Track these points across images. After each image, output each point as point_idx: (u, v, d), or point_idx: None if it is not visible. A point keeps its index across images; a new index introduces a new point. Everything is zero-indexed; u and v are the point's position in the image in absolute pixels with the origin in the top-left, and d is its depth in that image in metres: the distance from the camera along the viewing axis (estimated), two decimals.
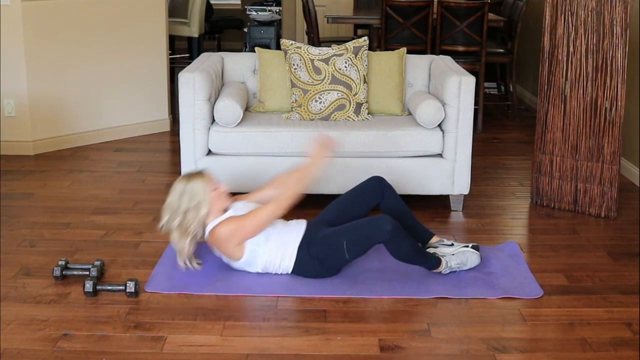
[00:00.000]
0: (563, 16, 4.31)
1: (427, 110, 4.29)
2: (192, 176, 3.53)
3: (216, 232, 3.43)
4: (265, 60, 4.66)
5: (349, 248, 3.39)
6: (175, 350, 2.94)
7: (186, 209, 3.44)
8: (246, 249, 3.44)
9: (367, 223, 3.41)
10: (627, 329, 3.15)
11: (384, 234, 3.33)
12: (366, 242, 3.40)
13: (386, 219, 3.35)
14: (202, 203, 3.45)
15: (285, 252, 3.47)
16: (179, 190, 3.47)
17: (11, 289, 3.41)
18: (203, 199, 3.45)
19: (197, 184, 3.48)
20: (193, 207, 3.44)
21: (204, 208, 3.45)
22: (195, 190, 3.46)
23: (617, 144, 4.29)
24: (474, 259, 3.62)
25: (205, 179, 3.50)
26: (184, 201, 3.44)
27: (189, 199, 3.45)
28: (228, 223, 3.42)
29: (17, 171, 5.09)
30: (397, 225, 3.35)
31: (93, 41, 5.65)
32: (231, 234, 3.41)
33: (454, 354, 2.95)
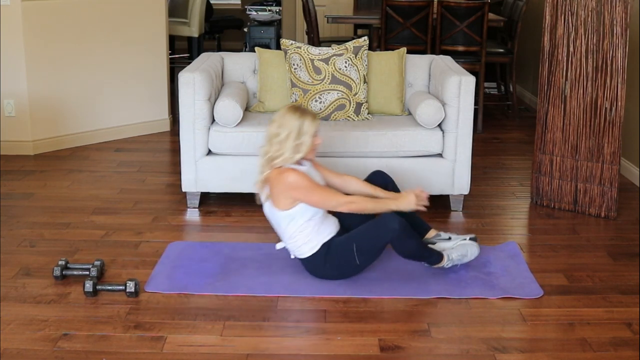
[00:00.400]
0: (563, 16, 4.31)
1: (427, 110, 4.29)
2: (305, 113, 3.43)
3: (287, 175, 3.36)
4: (265, 60, 4.66)
5: (358, 251, 3.39)
6: (175, 350, 2.94)
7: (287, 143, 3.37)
8: (293, 210, 3.40)
9: (374, 224, 3.41)
10: (627, 329, 3.15)
11: (391, 232, 3.33)
12: (375, 242, 3.39)
13: (393, 217, 3.35)
14: (304, 146, 3.40)
15: (312, 239, 3.44)
16: (291, 121, 3.38)
17: (11, 289, 3.41)
18: (306, 141, 3.41)
19: (308, 124, 3.40)
20: (295, 146, 3.39)
21: (302, 152, 3.41)
22: (305, 129, 3.40)
23: (617, 144, 4.29)
24: (474, 250, 3.62)
25: (315, 124, 3.44)
26: (291, 135, 3.37)
27: (296, 135, 3.38)
28: (302, 177, 3.36)
29: (17, 171, 5.09)
30: (403, 223, 3.34)
31: (93, 41, 5.65)
32: (297, 187, 3.35)
33: (454, 354, 2.95)
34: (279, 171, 3.39)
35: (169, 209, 4.42)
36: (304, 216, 3.42)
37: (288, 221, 3.44)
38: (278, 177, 3.39)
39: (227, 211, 4.41)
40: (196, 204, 4.44)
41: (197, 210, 4.42)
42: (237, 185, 4.38)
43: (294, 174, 3.36)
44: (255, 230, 4.14)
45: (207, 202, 4.54)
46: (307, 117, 3.42)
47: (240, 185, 4.37)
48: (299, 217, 3.42)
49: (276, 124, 3.43)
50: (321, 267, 3.46)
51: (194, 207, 4.44)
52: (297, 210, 3.41)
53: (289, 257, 3.63)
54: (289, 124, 3.39)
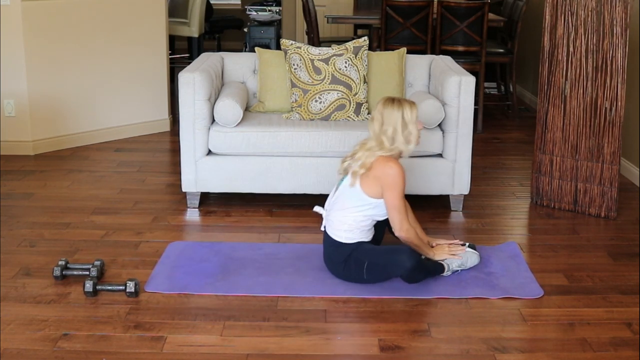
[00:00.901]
0: (563, 16, 4.31)
1: (427, 110, 4.29)
2: (401, 102, 3.43)
3: (393, 164, 3.37)
4: (265, 60, 4.66)
5: (368, 270, 3.41)
6: (175, 350, 2.94)
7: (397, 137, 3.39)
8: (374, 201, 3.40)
9: (390, 253, 3.41)
10: (627, 329, 3.15)
11: (403, 269, 3.35)
12: (385, 271, 3.42)
13: (408, 255, 3.34)
14: (413, 135, 3.41)
15: (354, 232, 3.44)
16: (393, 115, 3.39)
17: (11, 289, 3.41)
18: (413, 130, 3.41)
19: (409, 112, 3.40)
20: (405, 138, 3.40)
21: (413, 142, 3.42)
22: (408, 119, 3.40)
23: (617, 144, 4.29)
24: (474, 259, 3.63)
25: (415, 110, 3.43)
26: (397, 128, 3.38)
27: (402, 126, 3.39)
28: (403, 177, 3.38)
29: (17, 171, 5.09)
30: (417, 263, 3.36)
31: (93, 41, 5.65)
32: (395, 183, 3.35)
33: (454, 354, 2.95)
34: (386, 159, 3.40)
35: (169, 209, 4.42)
36: (373, 212, 3.44)
37: (361, 206, 3.43)
38: (382, 164, 3.38)
39: (227, 211, 4.41)
40: (196, 204, 4.44)
41: (197, 210, 4.42)
42: (237, 185, 4.38)
43: (399, 169, 3.37)
44: (255, 230, 4.14)
45: (207, 202, 4.54)
46: (405, 105, 3.43)
47: (240, 185, 4.37)
48: (371, 209, 3.43)
49: (378, 122, 3.44)
50: (337, 262, 3.47)
51: (194, 207, 4.44)
52: (377, 203, 3.41)
53: (289, 257, 3.64)
54: (392, 118, 3.40)
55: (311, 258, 3.72)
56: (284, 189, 4.39)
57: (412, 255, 3.35)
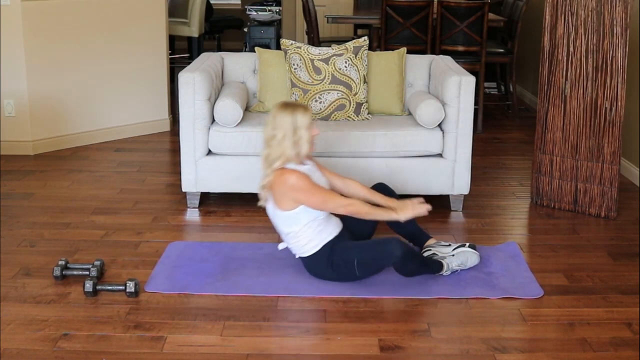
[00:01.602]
0: (563, 16, 4.31)
1: (427, 110, 4.29)
2: (295, 107, 3.40)
3: (288, 176, 3.35)
4: (265, 60, 4.66)
5: (359, 267, 3.40)
6: (175, 350, 2.94)
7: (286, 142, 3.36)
8: (296, 211, 3.39)
9: (378, 245, 3.40)
10: (627, 329, 3.15)
11: (393, 258, 3.33)
12: (375, 264, 3.41)
13: (396, 244, 3.33)
14: (302, 140, 3.38)
15: (314, 239, 3.44)
16: (283, 120, 3.36)
17: (11, 289, 3.41)
18: (304, 135, 3.38)
19: (301, 118, 3.37)
20: (293, 143, 3.37)
21: (304, 146, 3.39)
22: (299, 124, 3.37)
23: (617, 144, 4.29)
24: (474, 259, 3.63)
25: (308, 115, 3.40)
26: (287, 133, 3.35)
27: (292, 132, 3.36)
28: (303, 178, 3.36)
29: (17, 171, 5.09)
30: (406, 250, 3.34)
31: (93, 41, 5.65)
32: (298, 188, 3.34)
33: (454, 354, 2.95)
34: (280, 172, 3.39)
35: (169, 209, 4.43)
36: (306, 217, 3.42)
37: (291, 222, 3.44)
38: (280, 178, 3.38)
39: (227, 211, 4.41)
40: (196, 204, 4.44)
41: (197, 210, 4.42)
42: (237, 185, 4.38)
43: (294, 175, 3.36)
44: (255, 230, 4.14)
45: (207, 202, 4.54)
46: (299, 110, 3.39)
47: (240, 185, 4.37)
48: (302, 218, 3.42)
49: (270, 126, 3.42)
50: (323, 269, 3.46)
51: (194, 207, 4.44)
52: (300, 211, 3.41)
53: (289, 257, 3.63)
54: (283, 123, 3.37)
55: None
56: None
57: (400, 244, 3.33)
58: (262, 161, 3.46)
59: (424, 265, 3.51)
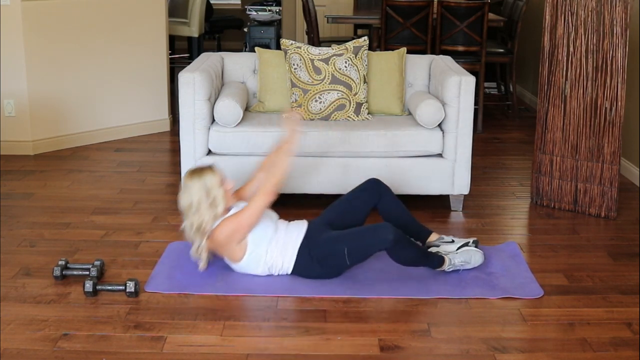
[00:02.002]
0: (563, 16, 4.31)
1: (427, 110, 4.29)
2: (202, 171, 3.45)
3: (216, 234, 3.40)
4: (265, 60, 4.66)
5: (350, 255, 3.39)
6: (175, 350, 2.94)
7: (202, 207, 3.39)
8: (248, 250, 3.43)
9: (369, 231, 3.40)
10: (627, 329, 3.15)
11: (385, 242, 3.33)
12: (367, 249, 3.40)
13: (387, 227, 3.34)
14: (218, 199, 3.41)
15: (286, 253, 3.46)
16: (194, 187, 3.40)
17: (11, 289, 3.41)
18: (217, 194, 3.41)
19: (210, 179, 3.42)
20: (209, 205, 3.40)
21: (220, 205, 3.42)
22: (209, 186, 3.40)
23: (617, 144, 4.29)
24: (478, 258, 3.62)
25: (217, 175, 3.44)
26: (201, 199, 3.39)
27: (205, 196, 3.40)
28: (225, 223, 3.40)
29: (17, 171, 5.09)
30: (398, 234, 3.34)
31: (93, 41, 5.65)
32: (231, 233, 3.38)
33: (454, 354, 2.95)
34: (210, 237, 3.42)
35: (169, 209, 4.42)
36: (261, 246, 3.44)
37: (254, 262, 3.46)
38: (212, 243, 3.43)
39: None
40: None
41: None
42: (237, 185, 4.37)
43: (217, 231, 3.39)
44: None
45: None
46: (206, 173, 3.43)
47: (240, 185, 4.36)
48: (259, 252, 3.44)
49: (184, 197, 3.44)
50: (310, 269, 3.47)
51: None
52: (253, 246, 3.43)
53: None
54: (194, 190, 3.40)
55: None
56: (284, 188, 4.36)
57: (392, 228, 3.33)
58: (188, 232, 3.47)
59: (421, 256, 3.49)
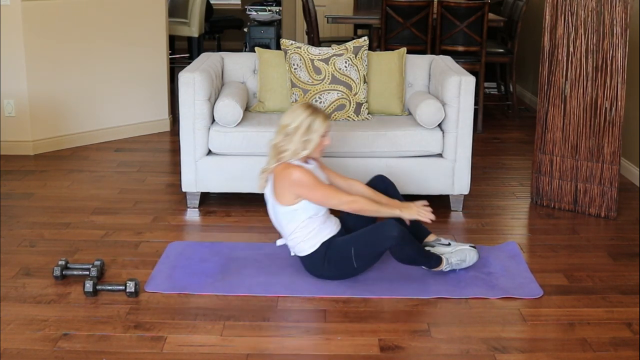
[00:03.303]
0: (563, 16, 4.31)
1: (427, 110, 4.29)
2: (317, 112, 3.44)
3: (292, 171, 3.37)
4: (265, 60, 4.66)
5: (356, 255, 3.39)
6: (175, 350, 2.94)
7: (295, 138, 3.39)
8: (296, 206, 3.41)
9: (374, 229, 3.40)
10: (627, 329, 3.15)
11: (390, 239, 3.33)
12: (373, 248, 3.39)
13: (392, 225, 3.34)
14: (312, 142, 3.42)
15: (312, 238, 3.44)
16: (301, 117, 3.40)
17: (11, 289, 3.41)
18: (314, 138, 3.42)
19: (319, 123, 3.41)
20: (302, 142, 3.40)
21: (309, 148, 3.42)
22: (314, 128, 3.41)
23: (617, 144, 4.29)
24: (473, 256, 3.63)
25: (325, 124, 3.44)
26: (300, 130, 3.39)
27: (305, 131, 3.40)
28: (306, 174, 3.38)
29: (17, 171, 5.09)
30: (403, 231, 3.34)
31: (93, 41, 5.65)
32: (301, 184, 3.36)
33: (454, 354, 2.95)
34: (284, 166, 3.41)
35: (169, 209, 4.43)
36: (305, 213, 3.43)
37: (290, 217, 3.44)
38: (283, 172, 3.40)
39: (227, 211, 4.41)
40: (196, 204, 4.44)
41: (197, 210, 4.42)
42: (237, 185, 4.38)
43: (298, 171, 3.37)
44: (255, 230, 4.14)
45: (207, 202, 4.54)
46: (319, 116, 3.44)
47: (240, 185, 4.37)
48: (301, 214, 3.42)
49: (287, 116, 3.46)
50: (320, 267, 3.46)
51: (194, 207, 4.44)
52: (300, 206, 3.41)
53: (289, 257, 3.63)
54: (299, 118, 3.41)
55: None
56: None
57: (397, 225, 3.34)
58: (270, 149, 3.48)
59: (422, 255, 3.49)
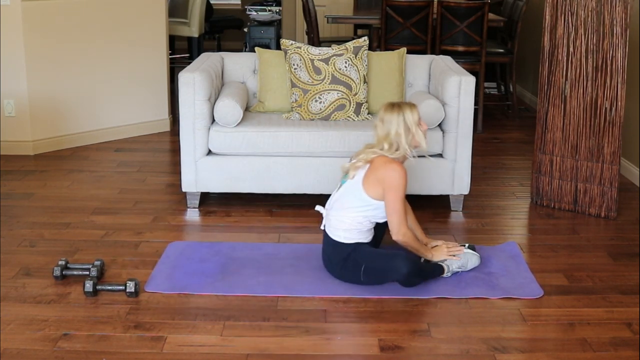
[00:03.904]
0: (563, 16, 4.31)
1: (427, 110, 4.29)
2: (401, 106, 3.46)
3: (395, 168, 3.38)
4: (265, 60, 4.66)
5: (364, 273, 3.40)
6: (175, 350, 2.94)
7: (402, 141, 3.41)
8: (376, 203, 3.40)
9: (387, 259, 3.41)
10: (627, 329, 3.15)
11: (399, 275, 3.36)
12: (381, 275, 3.42)
13: (404, 261, 3.34)
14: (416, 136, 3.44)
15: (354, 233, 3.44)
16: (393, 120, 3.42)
17: (11, 289, 3.41)
18: (416, 132, 3.44)
19: (409, 115, 3.43)
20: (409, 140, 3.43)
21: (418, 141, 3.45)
22: (409, 122, 3.42)
23: (617, 144, 4.29)
24: (475, 261, 3.63)
25: (415, 112, 3.46)
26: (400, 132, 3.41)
27: (404, 130, 3.41)
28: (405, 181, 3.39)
29: (17, 171, 5.09)
30: (413, 268, 3.35)
31: (93, 41, 5.65)
32: (396, 187, 3.37)
33: (454, 354, 2.95)
34: (387, 160, 3.41)
35: (169, 209, 4.43)
36: (373, 213, 3.44)
37: (361, 207, 3.43)
38: (385, 165, 3.40)
39: (227, 211, 4.41)
40: (196, 204, 4.44)
41: (197, 210, 4.42)
42: (237, 185, 4.38)
43: (402, 174, 3.38)
44: (255, 230, 4.14)
45: (207, 202, 4.54)
46: (405, 109, 3.45)
47: (240, 185, 4.37)
48: (371, 211, 3.44)
49: (381, 128, 3.46)
50: (335, 262, 3.47)
51: (194, 207, 4.44)
52: (377, 205, 3.42)
53: (289, 257, 3.64)
54: (394, 123, 3.42)
55: (311, 258, 3.72)
56: (284, 189, 4.39)
57: (409, 261, 3.35)
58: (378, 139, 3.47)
59: (426, 276, 3.51)
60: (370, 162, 3.44)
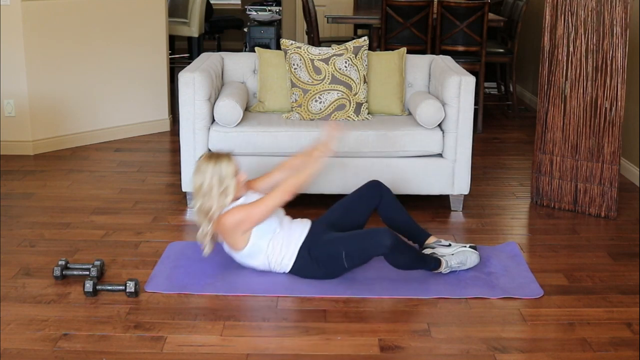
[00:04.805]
0: (563, 16, 4.31)
1: (427, 110, 4.29)
2: (219, 158, 3.44)
3: (224, 220, 3.39)
4: (265, 60, 4.66)
5: (347, 258, 3.39)
6: (175, 350, 2.94)
7: (213, 193, 3.39)
8: (250, 241, 3.43)
9: (366, 235, 3.40)
10: (627, 329, 3.15)
11: (382, 248, 3.33)
12: (364, 254, 3.41)
13: (385, 233, 3.34)
14: (230, 188, 3.41)
15: (287, 250, 3.46)
16: (208, 172, 3.40)
17: (11, 289, 3.41)
18: (230, 184, 3.41)
19: (226, 167, 3.41)
20: (220, 193, 3.40)
21: (230, 195, 3.42)
22: (224, 174, 3.40)
23: (617, 144, 4.29)
24: (474, 259, 3.63)
25: (232, 164, 3.44)
26: (213, 184, 3.39)
27: (218, 183, 3.39)
28: (236, 211, 3.39)
29: (17, 171, 5.09)
30: (395, 239, 3.34)
31: (93, 41, 5.65)
32: (238, 222, 3.38)
33: (454, 354, 2.95)
34: (217, 221, 3.42)
35: (169, 209, 4.43)
36: (264, 239, 3.44)
37: (255, 252, 3.46)
38: (220, 227, 3.42)
39: None
40: None
41: None
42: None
43: (228, 216, 3.39)
44: None
45: None
46: (222, 161, 3.42)
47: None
48: (261, 244, 3.44)
49: (196, 178, 3.44)
50: (310, 269, 3.47)
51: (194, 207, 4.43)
52: (255, 238, 3.43)
53: None
54: (207, 175, 3.40)
55: None
56: None
57: (390, 233, 3.34)
58: (197, 214, 3.47)
59: (418, 260, 3.50)
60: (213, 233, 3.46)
